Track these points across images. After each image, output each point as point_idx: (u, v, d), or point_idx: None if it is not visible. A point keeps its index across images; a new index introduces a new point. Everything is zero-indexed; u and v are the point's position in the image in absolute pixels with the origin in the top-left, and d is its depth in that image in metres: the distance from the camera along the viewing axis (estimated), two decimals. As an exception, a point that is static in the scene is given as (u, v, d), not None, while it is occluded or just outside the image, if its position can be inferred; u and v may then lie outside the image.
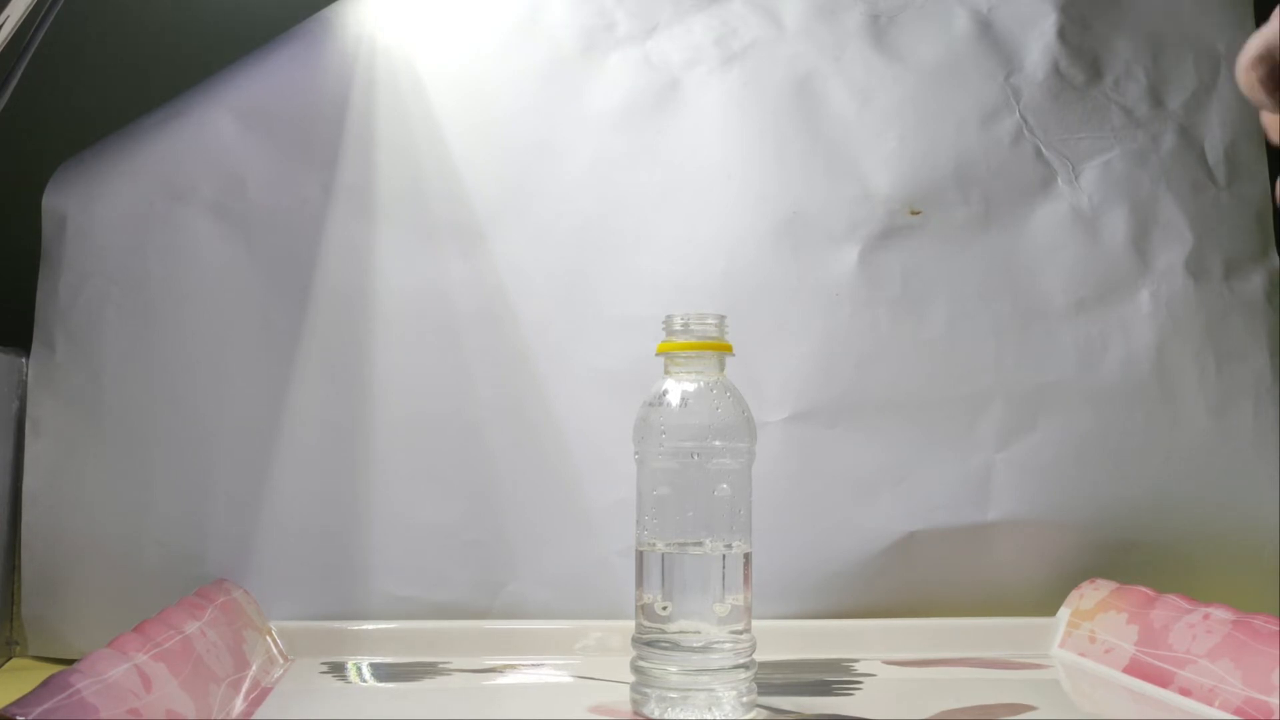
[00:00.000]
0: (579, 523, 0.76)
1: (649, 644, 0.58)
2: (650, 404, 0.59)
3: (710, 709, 0.56)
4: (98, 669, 0.47)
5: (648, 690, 0.57)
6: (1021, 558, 0.78)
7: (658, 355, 0.60)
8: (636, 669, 0.58)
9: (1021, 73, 0.82)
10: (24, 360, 0.75)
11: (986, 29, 0.82)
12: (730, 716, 0.56)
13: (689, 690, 0.56)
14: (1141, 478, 0.79)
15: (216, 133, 0.77)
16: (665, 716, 0.56)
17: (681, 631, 0.57)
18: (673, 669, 0.56)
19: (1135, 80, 0.83)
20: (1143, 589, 0.70)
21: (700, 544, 0.58)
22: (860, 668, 0.69)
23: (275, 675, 0.66)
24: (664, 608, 0.57)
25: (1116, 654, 0.67)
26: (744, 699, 0.57)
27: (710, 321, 0.60)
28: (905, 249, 0.80)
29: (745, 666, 0.57)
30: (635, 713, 0.58)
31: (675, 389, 0.59)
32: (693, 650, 0.56)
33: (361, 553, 0.75)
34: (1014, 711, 0.59)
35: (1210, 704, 0.59)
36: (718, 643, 0.57)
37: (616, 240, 0.79)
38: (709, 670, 0.56)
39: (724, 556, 0.57)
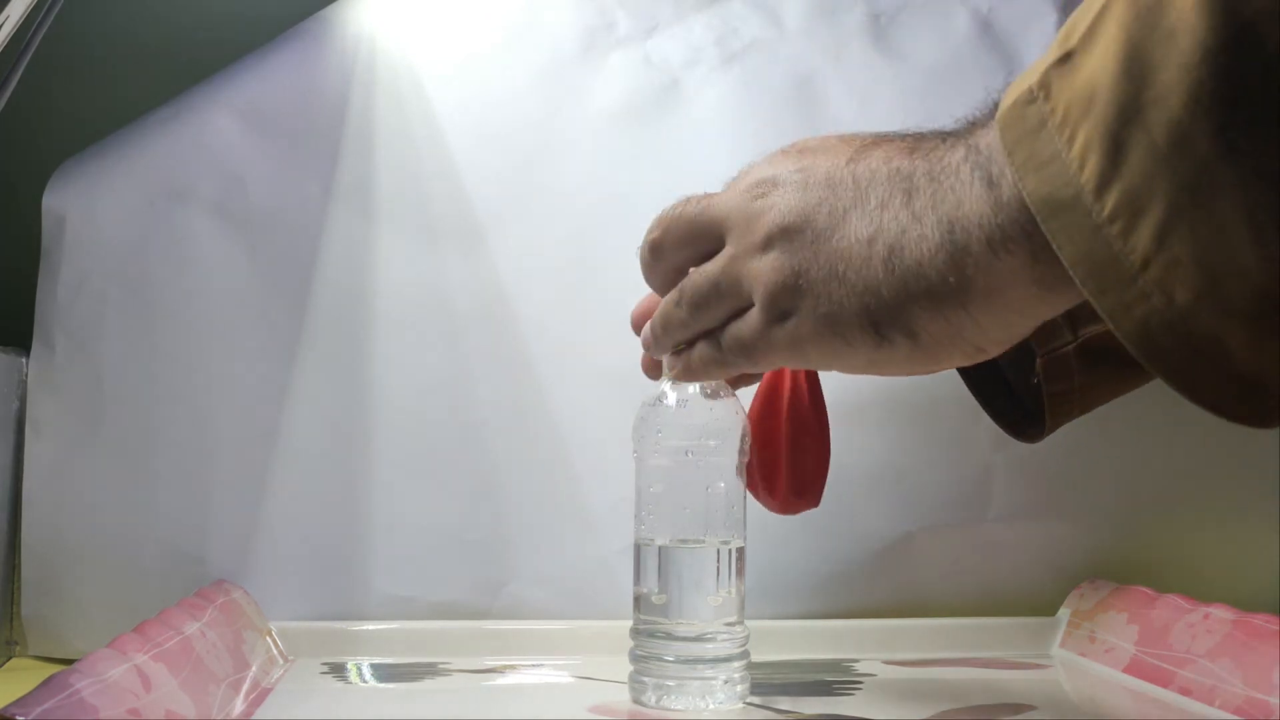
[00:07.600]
0: (579, 523, 0.76)
1: (646, 634, 0.59)
2: (649, 404, 0.61)
3: (704, 697, 0.57)
4: (98, 669, 0.47)
5: (645, 679, 0.59)
6: (1021, 558, 0.77)
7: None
8: (634, 658, 0.59)
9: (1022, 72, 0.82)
10: (24, 360, 0.75)
11: (987, 29, 0.82)
12: (724, 704, 0.58)
13: (684, 679, 0.57)
14: (1141, 478, 0.78)
15: (216, 133, 0.77)
16: (661, 704, 0.58)
17: (677, 622, 0.58)
18: (669, 658, 0.58)
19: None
20: (1143, 589, 0.70)
21: (695, 539, 0.59)
22: (860, 668, 0.69)
23: (275, 675, 0.66)
24: (660, 600, 0.58)
25: (1116, 654, 0.67)
26: (737, 687, 0.58)
27: None
28: (905, 249, 0.79)
29: (739, 656, 0.59)
30: (634, 700, 0.59)
31: (673, 390, 0.60)
32: (688, 640, 0.58)
33: (361, 553, 0.75)
34: (1014, 711, 0.59)
35: (1210, 703, 0.59)
36: (711, 633, 0.58)
37: (617, 240, 0.79)
38: (704, 660, 0.58)
39: (718, 551, 0.59)
